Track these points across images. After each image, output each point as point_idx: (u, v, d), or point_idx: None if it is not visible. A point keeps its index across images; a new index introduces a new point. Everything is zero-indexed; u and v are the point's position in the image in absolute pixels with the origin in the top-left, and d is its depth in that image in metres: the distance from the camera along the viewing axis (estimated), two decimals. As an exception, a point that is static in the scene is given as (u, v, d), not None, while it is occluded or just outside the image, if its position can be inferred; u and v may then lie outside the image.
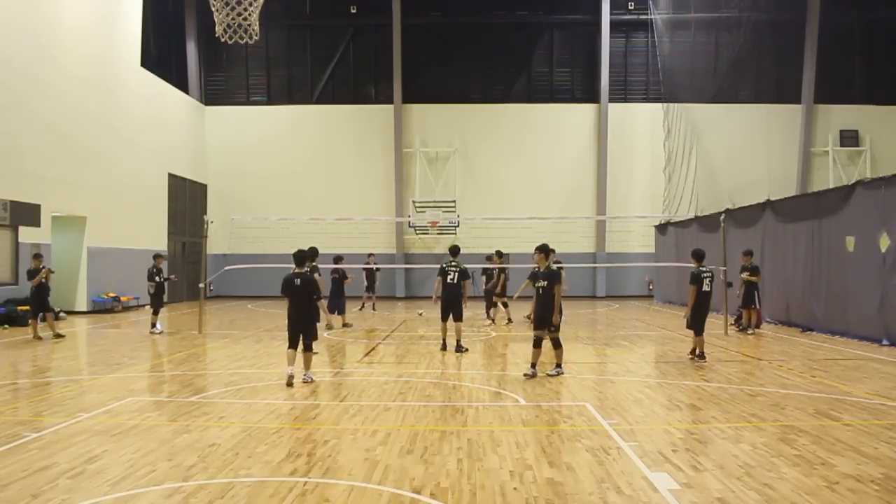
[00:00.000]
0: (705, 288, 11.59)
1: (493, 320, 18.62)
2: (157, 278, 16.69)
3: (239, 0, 16.43)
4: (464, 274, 13.01)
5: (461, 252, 13.42)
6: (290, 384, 9.47)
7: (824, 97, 31.51)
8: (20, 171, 19.21)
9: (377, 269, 23.75)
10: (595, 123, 32.16)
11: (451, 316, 13.00)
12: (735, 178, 29.46)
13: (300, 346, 9.78)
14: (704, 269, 11.74)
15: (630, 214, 29.73)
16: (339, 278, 17.46)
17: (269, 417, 7.76)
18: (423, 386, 9.72)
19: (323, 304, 9.78)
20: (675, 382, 9.92)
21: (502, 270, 18.70)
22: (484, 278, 19.57)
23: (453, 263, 13.05)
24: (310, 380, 9.74)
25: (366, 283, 23.24)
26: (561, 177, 31.79)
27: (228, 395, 9.07)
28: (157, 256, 17.34)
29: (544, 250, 10.33)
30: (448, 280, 12.93)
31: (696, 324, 11.64)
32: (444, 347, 13.06)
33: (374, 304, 23.68)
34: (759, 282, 16.13)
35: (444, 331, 13.18)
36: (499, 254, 19.66)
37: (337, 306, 17.33)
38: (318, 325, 10.98)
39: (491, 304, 19.11)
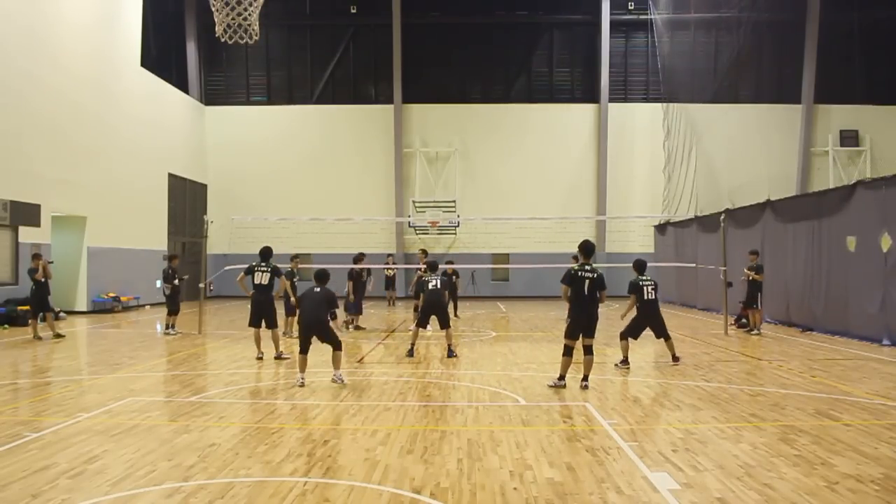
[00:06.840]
0: (648, 297, 11.38)
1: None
2: (174, 281, 16.54)
3: (239, 0, 16.43)
4: (444, 282, 12.72)
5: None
6: (302, 385, 9.41)
7: (824, 97, 31.52)
8: (20, 171, 19.21)
9: (394, 271, 25.88)
10: (595, 123, 32.17)
11: (435, 322, 12.56)
12: (735, 178, 29.45)
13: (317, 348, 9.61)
14: (645, 278, 11.51)
15: (630, 214, 29.73)
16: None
17: (269, 417, 7.75)
18: (423, 386, 9.72)
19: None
20: (675, 382, 9.91)
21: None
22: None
23: (432, 276, 12.75)
24: (340, 381, 9.55)
25: (385, 282, 25.24)
26: (561, 177, 31.81)
27: (228, 395, 9.06)
28: (172, 257, 17.28)
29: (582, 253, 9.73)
30: (430, 286, 12.49)
31: (632, 329, 11.44)
32: (410, 353, 12.38)
33: (393, 301, 25.86)
34: (762, 281, 16.08)
35: (416, 336, 12.62)
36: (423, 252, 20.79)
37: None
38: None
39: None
